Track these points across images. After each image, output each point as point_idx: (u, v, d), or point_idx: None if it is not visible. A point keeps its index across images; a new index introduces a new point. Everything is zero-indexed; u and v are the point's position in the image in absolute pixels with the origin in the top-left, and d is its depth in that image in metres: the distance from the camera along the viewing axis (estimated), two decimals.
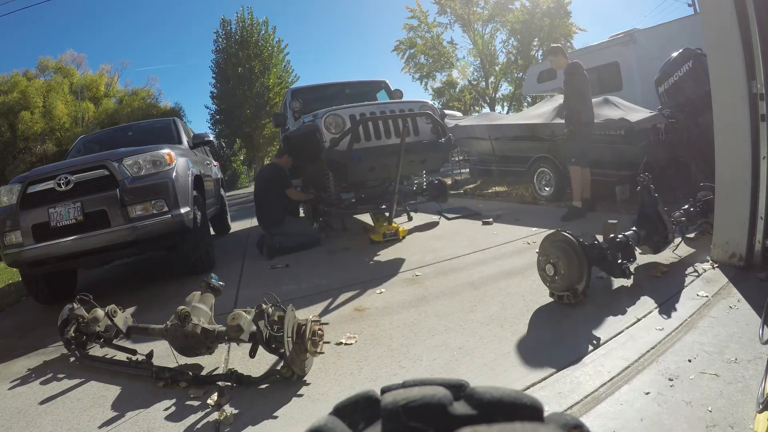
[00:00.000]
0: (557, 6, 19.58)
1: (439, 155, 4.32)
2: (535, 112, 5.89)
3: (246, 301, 2.94)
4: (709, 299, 2.07)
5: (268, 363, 1.94)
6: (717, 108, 2.48)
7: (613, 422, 1.33)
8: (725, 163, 2.46)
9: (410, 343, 2.02)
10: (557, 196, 5.16)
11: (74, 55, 25.18)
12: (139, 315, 2.94)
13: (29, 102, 20.01)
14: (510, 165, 6.33)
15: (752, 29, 2.23)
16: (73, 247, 3.21)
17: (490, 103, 22.85)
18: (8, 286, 5.01)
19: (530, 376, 1.63)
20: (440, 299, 2.53)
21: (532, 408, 0.28)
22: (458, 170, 9.28)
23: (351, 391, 0.39)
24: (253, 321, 1.86)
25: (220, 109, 25.43)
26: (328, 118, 4.03)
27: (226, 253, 4.97)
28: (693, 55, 4.01)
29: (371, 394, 0.30)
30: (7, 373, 2.39)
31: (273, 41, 24.49)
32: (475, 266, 3.05)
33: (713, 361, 1.56)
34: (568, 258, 2.11)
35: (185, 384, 1.90)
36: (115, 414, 1.77)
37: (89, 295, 2.43)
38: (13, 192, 3.31)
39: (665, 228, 2.52)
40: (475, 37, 21.16)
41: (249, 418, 1.60)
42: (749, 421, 1.23)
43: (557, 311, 2.16)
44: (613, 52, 8.34)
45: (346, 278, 3.15)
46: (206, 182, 4.81)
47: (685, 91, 4.07)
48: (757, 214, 2.35)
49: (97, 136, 5.77)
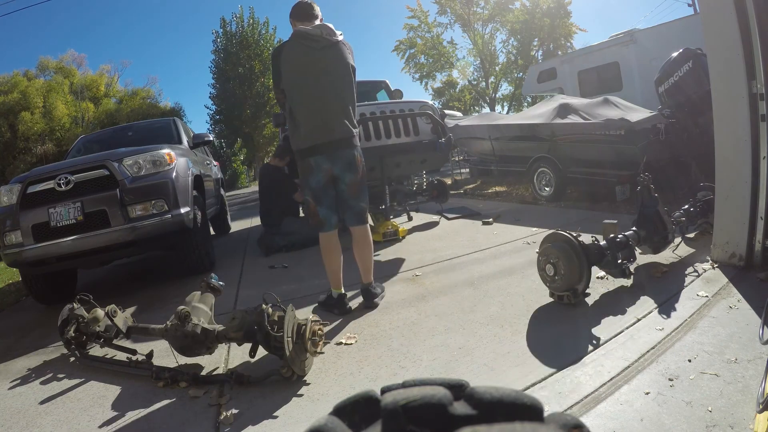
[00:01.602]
0: (557, 6, 19.60)
1: (439, 155, 4.33)
2: (535, 112, 5.88)
3: (246, 301, 2.94)
4: (709, 299, 2.07)
5: (268, 363, 1.94)
6: (717, 108, 2.48)
7: (613, 422, 1.33)
8: (725, 162, 2.46)
9: (410, 343, 2.02)
10: (557, 196, 5.16)
11: (74, 55, 25.24)
12: (139, 315, 2.94)
13: (29, 102, 20.01)
14: (510, 165, 6.33)
15: (752, 29, 2.23)
16: (73, 247, 3.21)
17: (490, 103, 22.85)
18: (8, 286, 5.01)
19: (530, 376, 1.63)
20: (440, 299, 2.53)
21: (532, 408, 0.28)
22: (458, 170, 9.28)
23: (351, 391, 0.39)
24: (253, 321, 1.86)
25: (220, 109, 25.45)
26: None
27: (226, 253, 4.97)
28: (693, 55, 4.00)
29: (371, 394, 0.30)
30: (7, 373, 2.39)
31: (274, 41, 24.51)
32: (475, 266, 3.05)
33: (713, 361, 1.56)
34: (568, 258, 2.11)
35: (185, 384, 1.90)
36: (115, 414, 1.77)
37: (89, 295, 2.43)
38: (13, 192, 3.31)
39: (665, 228, 2.52)
40: (475, 37, 21.17)
41: (249, 418, 1.60)
42: (749, 421, 1.23)
43: (557, 311, 2.16)
44: (613, 52, 8.35)
45: (345, 278, 3.14)
46: (206, 182, 4.81)
47: (685, 91, 4.07)
48: (757, 214, 2.35)
49: (97, 136, 5.77)
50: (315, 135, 2.38)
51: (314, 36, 2.36)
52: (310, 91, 2.38)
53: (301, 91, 2.39)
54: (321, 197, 2.48)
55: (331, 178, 2.46)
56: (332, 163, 2.42)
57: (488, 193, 6.89)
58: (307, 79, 2.38)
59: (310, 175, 2.45)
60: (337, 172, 2.44)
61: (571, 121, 4.91)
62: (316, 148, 2.39)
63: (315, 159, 2.41)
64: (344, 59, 2.43)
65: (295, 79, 2.39)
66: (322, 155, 2.40)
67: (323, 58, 2.38)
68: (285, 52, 2.40)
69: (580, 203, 4.98)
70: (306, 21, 2.42)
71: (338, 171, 2.44)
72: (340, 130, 2.41)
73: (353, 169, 2.46)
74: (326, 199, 2.49)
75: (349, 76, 2.46)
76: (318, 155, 2.40)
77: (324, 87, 2.39)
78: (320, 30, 2.38)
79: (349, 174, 2.46)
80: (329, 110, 2.40)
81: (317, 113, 2.39)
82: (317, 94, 2.38)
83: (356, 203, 2.53)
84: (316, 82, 2.37)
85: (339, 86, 2.43)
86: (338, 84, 2.42)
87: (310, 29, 2.38)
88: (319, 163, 2.41)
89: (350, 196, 2.51)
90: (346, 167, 2.44)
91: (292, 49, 2.38)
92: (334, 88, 2.41)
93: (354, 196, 2.51)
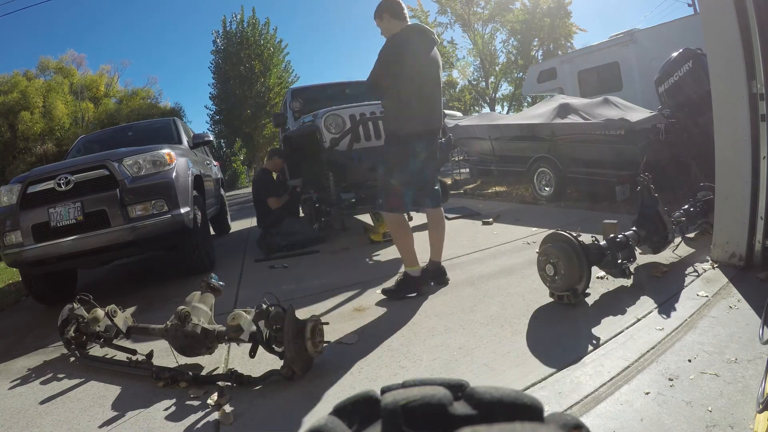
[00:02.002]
0: (557, 6, 19.61)
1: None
2: (535, 112, 5.88)
3: (246, 301, 2.94)
4: (709, 299, 2.07)
5: (268, 363, 1.94)
6: (717, 108, 2.47)
7: (613, 422, 1.33)
8: (725, 162, 2.46)
9: (410, 343, 2.02)
10: (557, 196, 5.16)
11: (74, 55, 25.23)
12: (139, 315, 2.94)
13: (29, 102, 20.01)
14: (510, 165, 6.33)
15: (752, 29, 2.23)
16: (73, 247, 3.21)
17: (490, 103, 22.86)
18: (8, 286, 5.01)
19: (530, 376, 1.63)
20: (440, 299, 2.53)
21: (532, 408, 0.28)
22: (458, 170, 9.28)
23: (351, 391, 0.39)
24: (253, 321, 1.86)
25: (220, 109, 25.44)
26: (328, 118, 4.03)
27: (226, 253, 4.97)
28: (693, 55, 4.00)
29: (371, 394, 0.31)
30: (7, 373, 2.39)
31: (274, 41, 24.50)
32: (475, 266, 3.05)
33: (713, 361, 1.56)
34: (568, 258, 2.11)
35: (185, 384, 1.89)
36: (115, 414, 1.77)
37: (89, 295, 2.43)
38: (13, 192, 3.31)
39: (665, 228, 2.52)
40: (475, 37, 21.18)
41: (249, 418, 1.60)
42: (749, 421, 1.23)
43: (557, 311, 2.16)
44: (613, 52, 8.35)
45: (345, 278, 3.16)
46: (206, 182, 4.81)
47: (685, 91, 4.07)
48: (757, 214, 2.35)
49: (97, 136, 5.78)
50: (424, 122, 2.59)
51: (429, 32, 2.66)
52: (425, 81, 2.59)
53: (422, 80, 2.58)
54: (412, 181, 2.63)
55: (423, 162, 2.64)
56: (428, 150, 2.63)
57: (488, 193, 6.89)
58: (426, 69, 2.59)
59: (411, 159, 2.59)
60: (428, 158, 2.66)
61: (571, 121, 4.91)
62: (423, 134, 2.59)
63: (420, 144, 2.59)
64: (439, 57, 2.75)
65: (417, 68, 2.56)
66: (425, 141, 2.60)
67: (434, 53, 2.66)
68: (412, 41, 2.55)
69: (580, 203, 4.98)
70: (402, 19, 2.64)
71: (429, 157, 2.67)
72: (441, 120, 2.73)
73: (441, 156, 2.80)
74: (415, 183, 2.66)
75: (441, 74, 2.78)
76: (422, 141, 2.59)
77: (435, 79, 2.65)
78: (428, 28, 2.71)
79: (435, 160, 2.75)
80: (437, 101, 2.66)
81: (429, 102, 2.61)
82: (431, 84, 2.62)
83: (435, 187, 2.82)
84: (429, 74, 2.61)
85: (440, 80, 2.74)
86: (439, 78, 2.72)
87: (424, 26, 2.73)
88: (422, 148, 2.60)
89: (432, 180, 2.79)
90: (437, 154, 2.73)
91: (417, 42, 2.57)
92: (439, 81, 2.71)
93: (435, 181, 2.82)
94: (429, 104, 2.60)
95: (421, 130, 2.57)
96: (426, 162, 2.65)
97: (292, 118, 5.51)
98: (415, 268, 2.63)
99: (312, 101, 5.60)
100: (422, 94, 2.57)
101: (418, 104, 2.57)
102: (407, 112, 2.57)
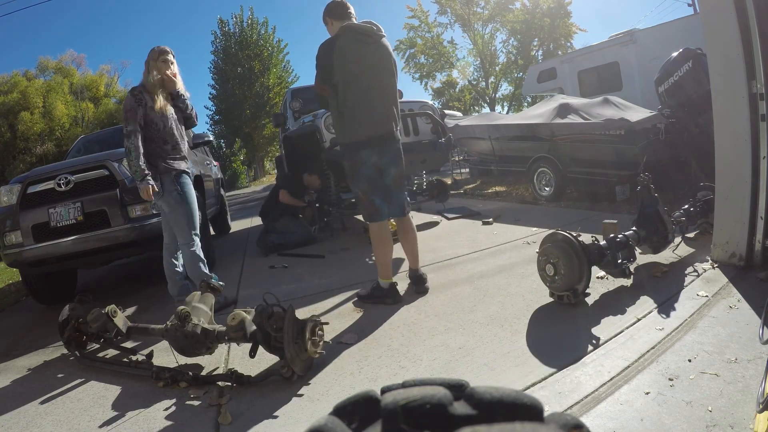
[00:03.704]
0: (557, 6, 19.61)
1: (439, 155, 4.33)
2: (535, 112, 5.88)
3: (246, 301, 2.94)
4: (709, 299, 2.07)
5: (268, 363, 1.94)
6: (717, 108, 2.47)
7: (613, 422, 1.33)
8: (725, 162, 2.46)
9: (410, 343, 2.02)
10: (557, 196, 5.16)
11: (74, 56, 25.19)
12: (139, 315, 2.94)
13: (29, 102, 20.00)
14: (510, 165, 6.32)
15: (752, 29, 2.22)
16: (73, 247, 3.21)
17: (490, 103, 22.86)
18: (8, 286, 5.01)
19: (530, 376, 1.63)
20: (440, 299, 2.53)
21: (532, 408, 0.28)
22: (458, 170, 9.28)
23: (351, 391, 0.39)
24: (253, 321, 1.86)
25: (219, 109, 25.44)
26: (328, 118, 4.03)
27: (226, 253, 4.97)
28: (693, 55, 4.00)
29: (371, 394, 0.30)
30: (7, 373, 2.39)
31: (273, 41, 24.50)
32: (475, 266, 3.05)
33: (713, 361, 1.56)
34: (568, 258, 2.11)
35: (185, 384, 1.90)
36: (115, 414, 1.77)
37: (89, 295, 2.43)
38: (13, 192, 3.32)
39: (665, 228, 2.52)
40: (475, 37, 21.18)
41: (249, 418, 1.60)
42: (749, 421, 1.23)
43: (557, 311, 2.16)
44: (613, 52, 8.35)
45: (346, 278, 3.15)
46: (206, 182, 4.81)
47: (685, 90, 4.07)
48: (757, 214, 2.34)
49: (97, 136, 5.78)
50: (372, 128, 2.46)
51: (367, 31, 2.44)
52: (365, 85, 2.43)
53: (358, 86, 2.43)
54: (374, 188, 2.54)
55: (379, 170, 2.54)
56: (380, 156, 2.50)
57: (488, 193, 6.89)
58: (363, 73, 2.42)
59: (362, 167, 2.50)
60: (384, 165, 2.53)
61: (571, 121, 4.91)
62: (370, 141, 2.46)
63: (368, 151, 2.48)
64: (392, 56, 2.55)
65: (351, 73, 2.41)
66: (374, 148, 2.48)
67: (376, 53, 2.46)
68: (340, 46, 2.41)
69: (580, 203, 4.98)
70: (344, 19, 2.49)
71: (385, 163, 2.53)
72: (391, 124, 2.52)
73: (398, 162, 2.57)
74: (379, 190, 2.55)
75: (395, 72, 2.56)
76: (370, 148, 2.47)
77: (377, 82, 2.46)
78: (371, 26, 2.45)
79: (394, 167, 2.56)
80: (383, 105, 2.48)
81: (372, 108, 2.45)
82: (372, 88, 2.44)
83: (399, 195, 2.63)
84: (370, 76, 2.44)
85: (390, 82, 2.53)
86: (389, 80, 2.52)
87: (361, 24, 2.45)
88: (371, 156, 2.48)
89: (395, 188, 2.60)
90: (393, 160, 2.55)
91: (347, 44, 2.41)
92: (386, 84, 2.51)
93: (398, 188, 2.62)
94: (378, 108, 2.45)
95: (369, 136, 2.44)
96: (383, 168, 2.52)
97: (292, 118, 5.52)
98: (385, 280, 2.55)
99: (312, 101, 5.60)
100: (369, 98, 2.43)
101: (365, 110, 2.43)
102: (344, 121, 2.46)
